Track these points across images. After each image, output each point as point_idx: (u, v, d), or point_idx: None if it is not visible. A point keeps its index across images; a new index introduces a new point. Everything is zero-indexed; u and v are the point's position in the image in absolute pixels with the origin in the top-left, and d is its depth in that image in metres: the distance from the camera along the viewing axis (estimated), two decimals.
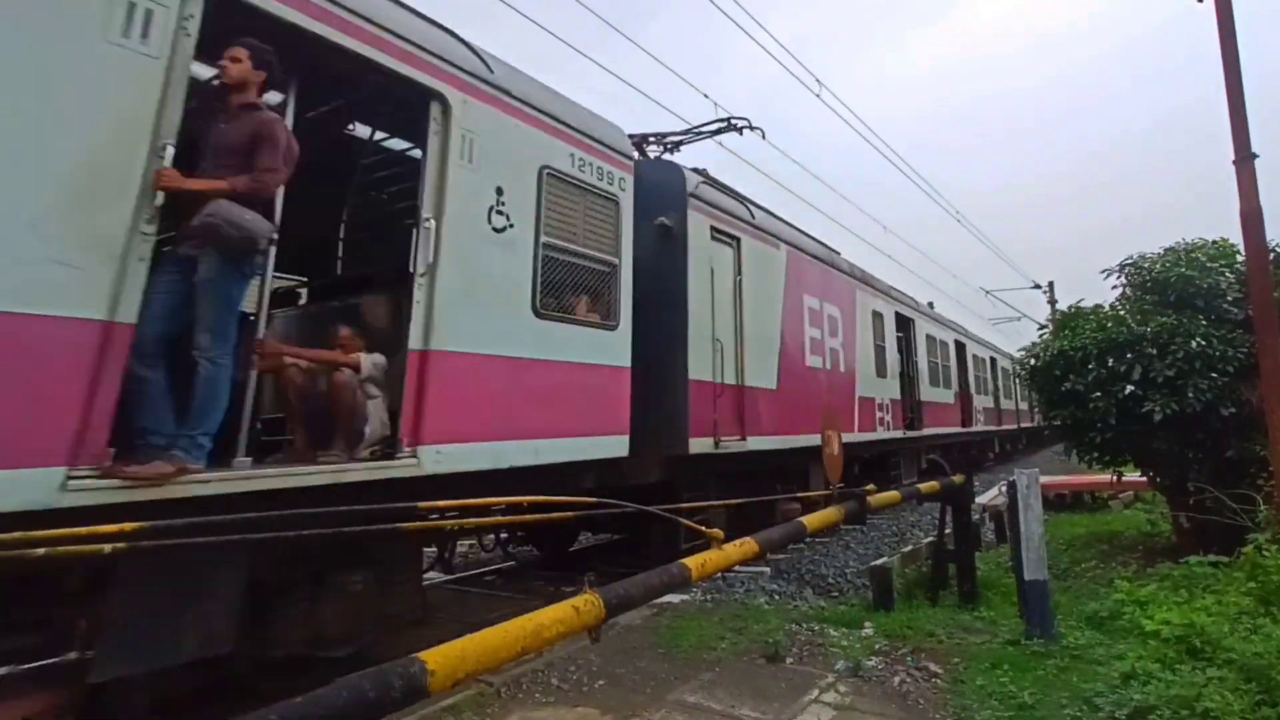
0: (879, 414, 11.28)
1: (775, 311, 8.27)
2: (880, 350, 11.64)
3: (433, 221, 3.97)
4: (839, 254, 10.87)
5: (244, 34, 3.28)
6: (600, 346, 5.31)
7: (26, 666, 2.50)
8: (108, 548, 1.47)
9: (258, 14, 3.24)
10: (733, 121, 8.46)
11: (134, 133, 2.73)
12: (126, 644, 2.68)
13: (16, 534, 1.44)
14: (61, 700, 2.61)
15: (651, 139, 8.19)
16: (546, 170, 4.89)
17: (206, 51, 3.19)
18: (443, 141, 4.09)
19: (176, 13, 2.90)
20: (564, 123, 5.13)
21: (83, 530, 1.52)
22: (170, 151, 2.82)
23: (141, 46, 2.78)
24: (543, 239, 4.78)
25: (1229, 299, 6.77)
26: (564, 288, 5.02)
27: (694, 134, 8.43)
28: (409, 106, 4.45)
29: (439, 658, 1.56)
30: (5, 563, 1.36)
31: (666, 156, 8.28)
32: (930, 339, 14.62)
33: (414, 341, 3.84)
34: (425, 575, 5.47)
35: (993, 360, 21.38)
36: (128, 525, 1.54)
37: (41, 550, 1.35)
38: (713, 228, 7.10)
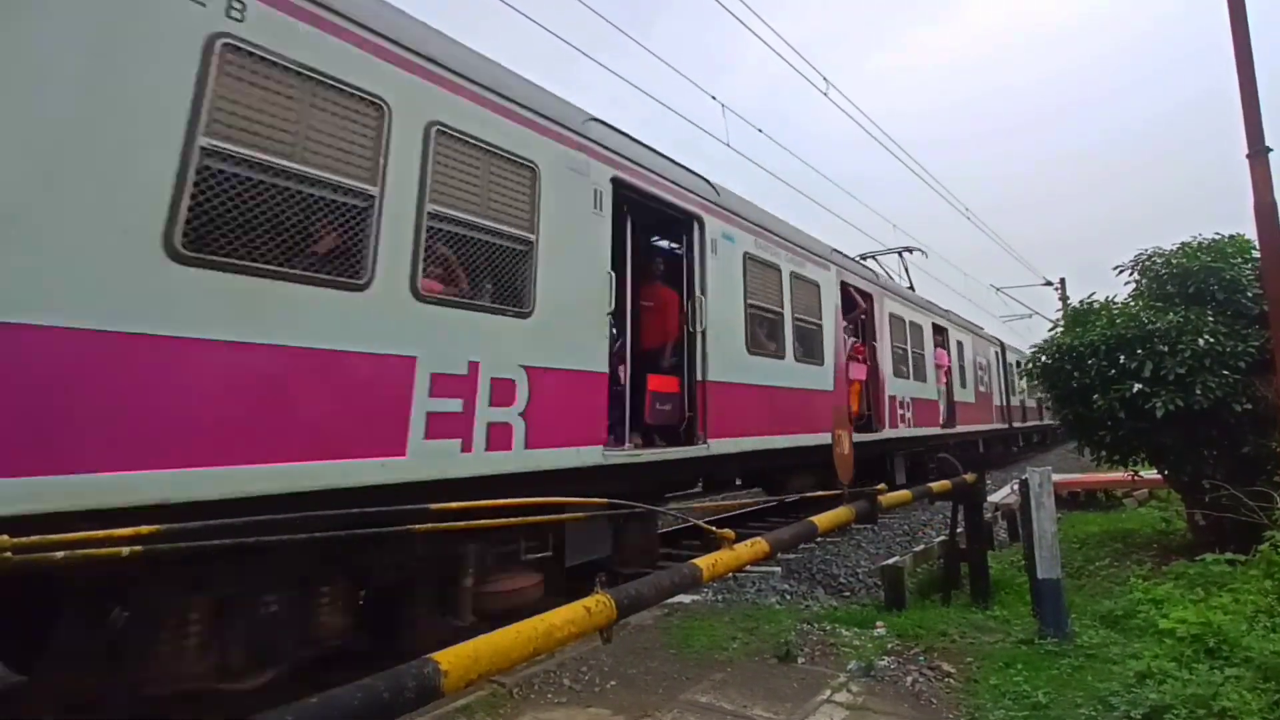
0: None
1: None
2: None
3: None
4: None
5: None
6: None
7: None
8: (125, 550, 1.49)
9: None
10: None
11: None
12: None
13: (35, 537, 1.46)
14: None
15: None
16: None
17: None
18: None
19: None
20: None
21: (99, 534, 1.54)
22: None
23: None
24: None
25: (1249, 294, 6.71)
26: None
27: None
28: None
29: (452, 658, 1.57)
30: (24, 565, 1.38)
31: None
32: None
33: None
34: None
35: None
36: (144, 529, 1.56)
37: (60, 554, 1.37)
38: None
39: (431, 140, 4.07)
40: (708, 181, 7.10)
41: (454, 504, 2.40)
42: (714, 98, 10.53)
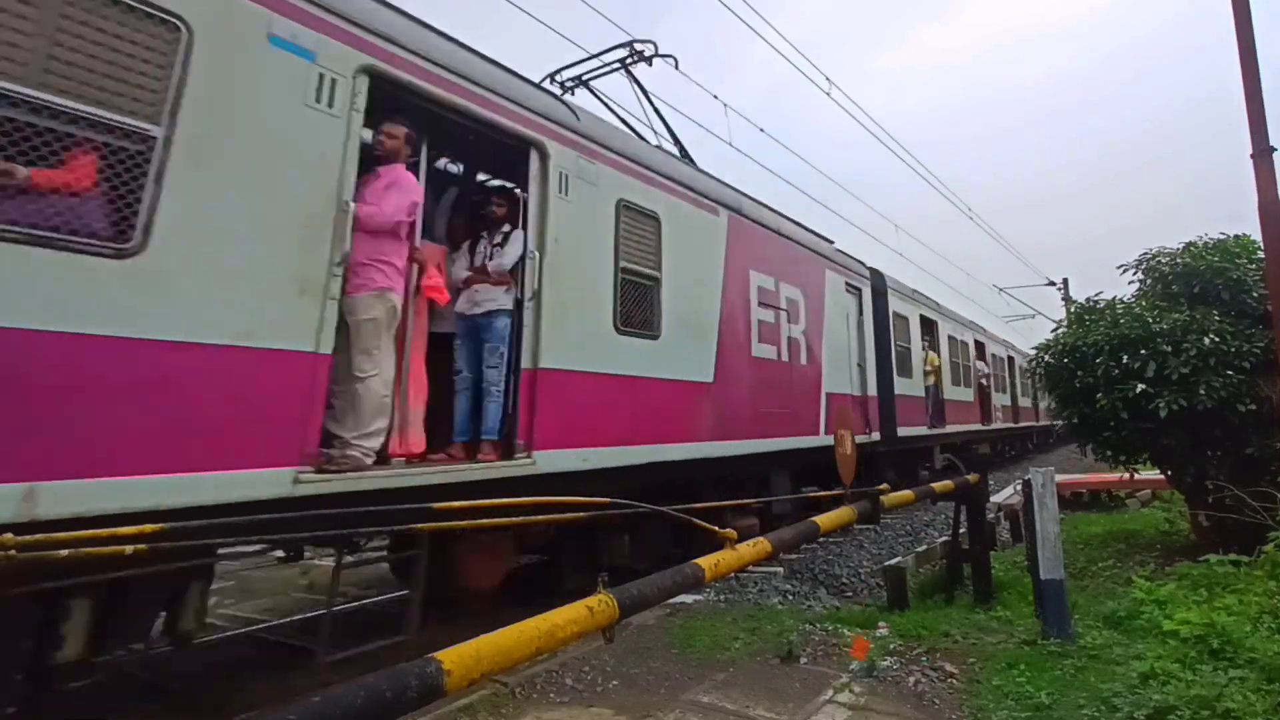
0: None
1: None
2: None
3: None
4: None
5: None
6: None
7: None
8: (129, 549, 1.49)
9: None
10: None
11: None
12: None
13: (39, 535, 1.46)
14: None
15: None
16: None
17: None
18: None
19: None
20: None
21: (104, 532, 1.54)
22: None
23: None
24: None
25: (1254, 295, 6.69)
26: None
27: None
28: None
29: (455, 658, 1.57)
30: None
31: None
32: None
33: None
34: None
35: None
36: (147, 527, 1.56)
37: (65, 551, 1.37)
38: None
39: None
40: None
41: (457, 503, 2.40)
42: (715, 97, 10.53)
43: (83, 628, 2.70)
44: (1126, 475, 8.02)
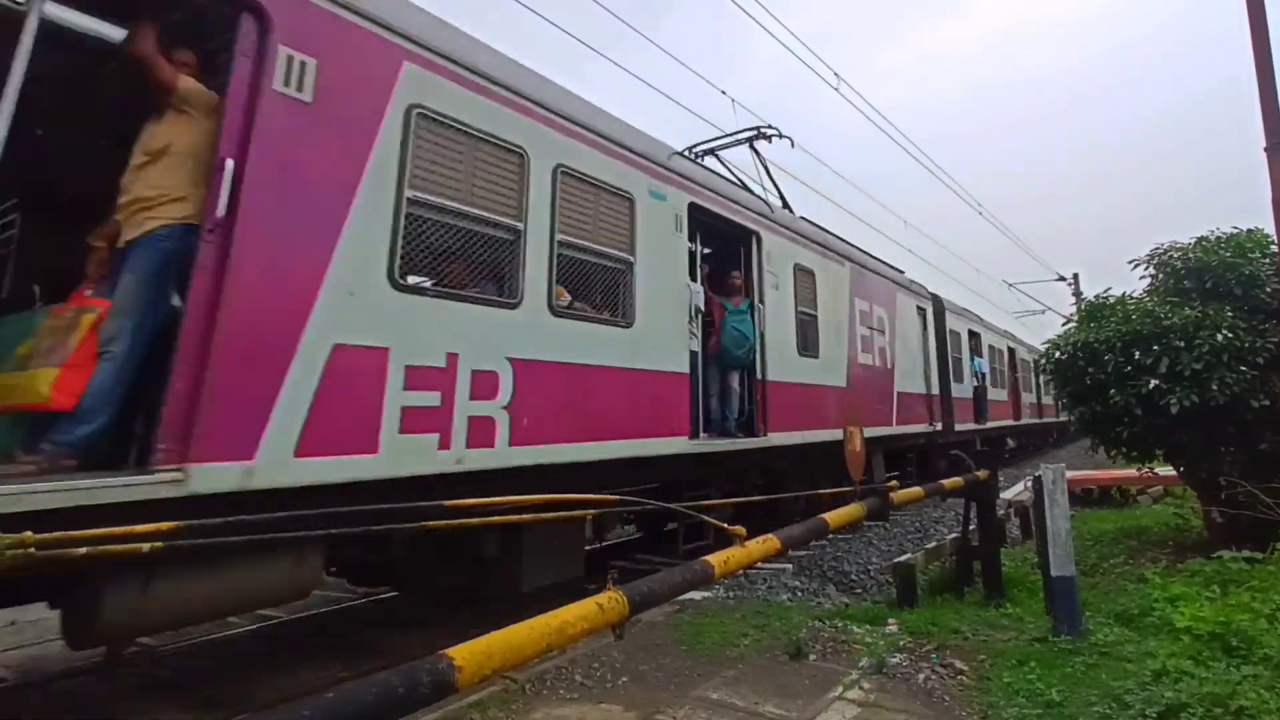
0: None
1: None
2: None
3: None
4: None
5: None
6: None
7: None
8: (145, 547, 1.51)
9: None
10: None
11: None
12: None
13: (57, 534, 1.48)
14: None
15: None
16: None
17: None
18: None
19: None
20: None
21: (119, 530, 1.56)
22: None
23: None
24: None
25: (1267, 289, 6.62)
26: None
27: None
28: None
29: (466, 654, 1.58)
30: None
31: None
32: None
33: None
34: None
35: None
36: (164, 525, 1.58)
37: (83, 550, 1.39)
38: None
39: None
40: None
41: (467, 500, 2.41)
42: (724, 93, 10.49)
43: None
44: (1147, 471, 7.94)
